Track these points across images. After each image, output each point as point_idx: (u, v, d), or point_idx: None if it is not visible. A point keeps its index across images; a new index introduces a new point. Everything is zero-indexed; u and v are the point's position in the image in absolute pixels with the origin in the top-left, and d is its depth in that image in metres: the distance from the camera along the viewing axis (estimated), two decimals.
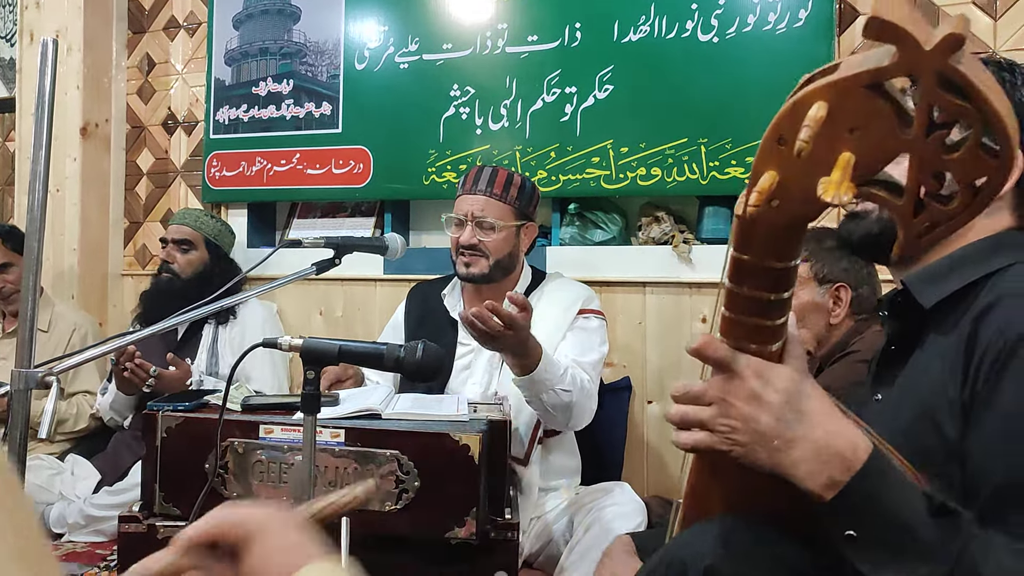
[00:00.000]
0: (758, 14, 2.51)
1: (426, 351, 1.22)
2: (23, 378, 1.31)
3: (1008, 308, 0.87)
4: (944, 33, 0.55)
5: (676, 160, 2.58)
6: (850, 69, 0.60)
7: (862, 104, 0.60)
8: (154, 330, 1.50)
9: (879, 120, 0.60)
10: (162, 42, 3.50)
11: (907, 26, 0.56)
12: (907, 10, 0.57)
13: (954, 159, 0.61)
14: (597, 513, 1.89)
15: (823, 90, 0.60)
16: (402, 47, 2.94)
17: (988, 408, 0.85)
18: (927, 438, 0.90)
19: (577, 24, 2.71)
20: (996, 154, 0.59)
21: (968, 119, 0.58)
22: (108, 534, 2.40)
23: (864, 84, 0.59)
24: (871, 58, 0.59)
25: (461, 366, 2.15)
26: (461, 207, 2.11)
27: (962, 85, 0.56)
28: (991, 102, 0.56)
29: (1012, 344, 0.83)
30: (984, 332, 0.87)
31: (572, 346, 2.07)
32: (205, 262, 2.78)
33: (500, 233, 2.08)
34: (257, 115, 3.18)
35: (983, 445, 0.84)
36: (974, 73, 0.56)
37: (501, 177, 2.11)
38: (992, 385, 0.84)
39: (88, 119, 3.35)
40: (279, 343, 1.21)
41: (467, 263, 2.09)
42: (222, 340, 2.73)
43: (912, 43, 0.56)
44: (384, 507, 1.64)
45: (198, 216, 2.85)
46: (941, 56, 0.55)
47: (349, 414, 1.72)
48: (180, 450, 1.72)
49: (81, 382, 2.89)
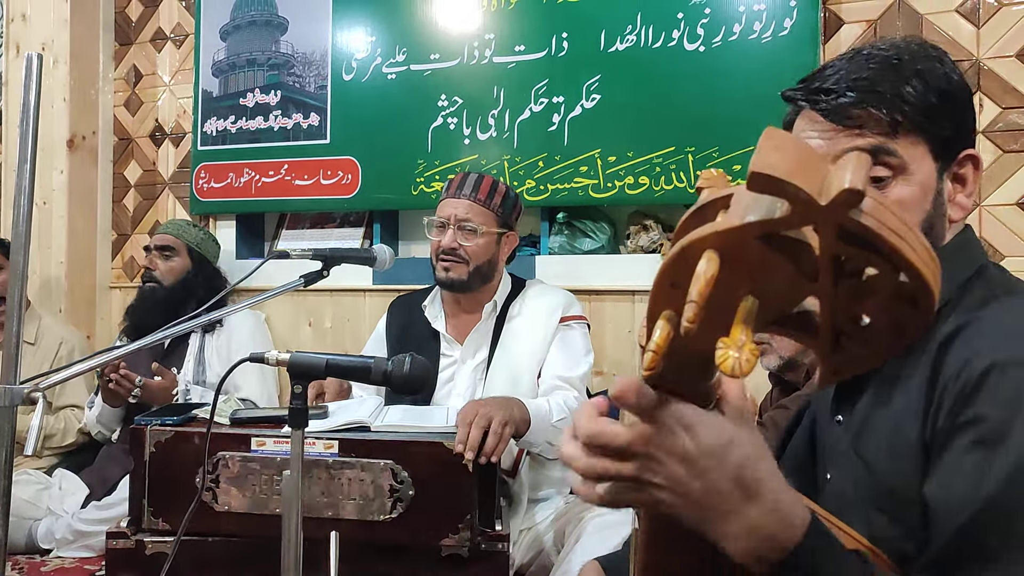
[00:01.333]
0: (744, 23, 2.52)
1: (414, 364, 1.22)
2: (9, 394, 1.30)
3: (968, 341, 0.82)
4: (840, 186, 0.48)
5: (664, 169, 2.59)
6: (739, 216, 0.53)
7: (756, 255, 0.53)
8: (141, 344, 1.49)
9: (779, 271, 0.54)
10: (149, 54, 3.49)
11: (796, 180, 0.49)
12: (795, 158, 0.50)
13: (868, 304, 0.55)
14: (583, 525, 1.89)
15: (712, 239, 0.53)
16: (390, 57, 2.95)
17: (946, 453, 0.80)
18: (889, 477, 0.86)
19: (564, 34, 2.72)
20: (915, 302, 0.53)
21: (878, 267, 0.52)
22: (97, 549, 2.38)
23: (756, 235, 0.52)
24: (761, 206, 0.52)
25: (445, 378, 2.14)
26: (444, 211, 2.11)
27: (867, 238, 0.50)
28: (902, 251, 0.50)
29: (973, 382, 0.79)
30: (947, 367, 0.82)
31: (557, 362, 2.08)
32: (187, 270, 2.78)
33: (481, 238, 2.07)
34: (245, 126, 3.18)
35: (938, 491, 0.80)
36: (880, 222, 0.50)
37: (486, 184, 2.11)
38: (950, 429, 0.80)
39: (75, 131, 3.34)
40: (266, 358, 1.21)
41: (446, 267, 2.08)
42: (209, 348, 2.72)
43: (804, 198, 0.49)
44: (379, 517, 1.64)
45: (180, 225, 2.87)
46: (839, 210, 0.49)
47: (338, 427, 1.72)
48: (168, 465, 1.71)
49: (68, 396, 2.87)
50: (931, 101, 0.89)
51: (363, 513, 1.65)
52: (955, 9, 2.40)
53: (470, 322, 2.16)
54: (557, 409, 1.94)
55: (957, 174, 0.93)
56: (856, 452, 0.92)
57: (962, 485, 0.77)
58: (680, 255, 0.55)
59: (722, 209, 0.57)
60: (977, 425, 0.78)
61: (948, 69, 0.92)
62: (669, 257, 0.56)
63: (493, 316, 2.15)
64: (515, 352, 2.10)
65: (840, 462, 0.95)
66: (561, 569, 1.81)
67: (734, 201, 0.55)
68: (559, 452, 0.70)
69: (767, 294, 0.55)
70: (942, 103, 0.90)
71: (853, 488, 0.91)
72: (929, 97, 0.89)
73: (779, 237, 0.53)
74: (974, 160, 0.93)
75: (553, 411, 1.93)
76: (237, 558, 1.68)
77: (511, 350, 2.10)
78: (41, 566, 2.37)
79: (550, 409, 1.93)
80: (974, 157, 0.93)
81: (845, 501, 0.92)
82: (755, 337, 0.55)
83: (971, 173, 0.93)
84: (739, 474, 0.65)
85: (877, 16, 2.49)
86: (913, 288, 0.52)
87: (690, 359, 0.61)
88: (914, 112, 0.89)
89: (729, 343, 0.53)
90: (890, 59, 0.91)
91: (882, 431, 0.89)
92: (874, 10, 2.49)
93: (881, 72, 0.90)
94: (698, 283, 0.52)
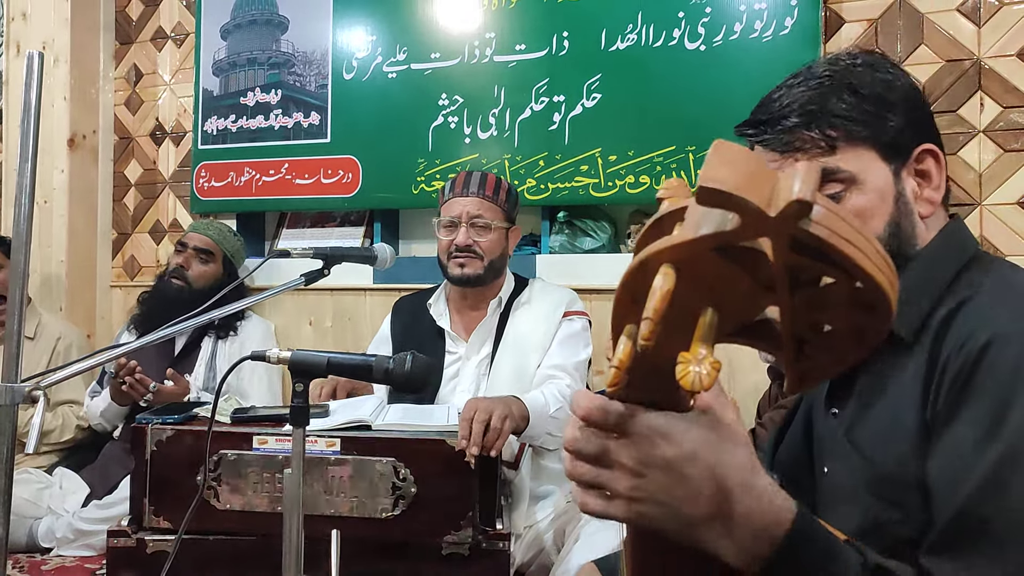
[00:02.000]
0: (744, 22, 2.52)
1: (415, 362, 1.22)
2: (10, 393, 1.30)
3: (966, 318, 0.82)
4: (788, 197, 0.47)
5: (665, 168, 2.59)
6: (692, 229, 0.52)
7: (713, 267, 0.53)
8: (147, 341, 1.49)
9: (736, 282, 0.53)
10: (149, 53, 3.49)
11: (745, 193, 0.48)
12: (744, 170, 0.49)
13: (827, 312, 0.54)
14: (581, 525, 1.89)
15: (667, 253, 0.52)
16: (390, 56, 2.94)
17: (947, 431, 0.80)
18: (887, 463, 0.86)
19: (565, 33, 2.72)
20: (872, 308, 0.52)
21: (834, 276, 0.52)
22: (97, 548, 2.38)
23: (710, 248, 0.52)
24: (713, 219, 0.52)
25: (449, 375, 2.16)
26: (453, 209, 2.12)
27: (819, 247, 0.50)
28: (854, 259, 0.49)
29: (973, 358, 0.79)
30: (947, 345, 0.82)
31: (555, 353, 2.11)
32: (219, 277, 2.77)
33: (493, 233, 2.11)
34: (245, 125, 3.17)
35: (939, 472, 0.80)
36: (831, 231, 0.49)
37: (491, 180, 2.15)
38: (952, 406, 0.80)
39: (75, 130, 3.34)
40: (267, 356, 1.21)
41: (461, 263, 2.10)
42: (221, 355, 2.72)
43: (753, 210, 0.48)
44: (380, 515, 1.64)
45: (222, 230, 2.85)
46: (789, 221, 0.48)
47: (339, 425, 1.72)
48: (169, 463, 1.71)
49: (66, 392, 2.86)
50: (866, 109, 0.91)
51: (364, 511, 1.65)
52: (956, 8, 2.40)
53: (475, 319, 2.18)
54: (553, 400, 1.96)
55: (919, 170, 0.94)
56: (851, 442, 0.92)
57: (964, 461, 0.77)
58: (638, 269, 0.55)
59: (679, 221, 0.57)
60: (978, 399, 0.78)
61: (883, 74, 0.94)
62: (628, 271, 0.56)
63: (497, 312, 2.17)
64: (519, 348, 2.12)
65: (836, 453, 0.95)
66: (561, 568, 1.81)
67: (688, 213, 0.55)
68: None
69: (726, 305, 0.54)
70: (879, 108, 0.92)
71: (849, 477, 0.91)
72: (863, 106, 0.91)
73: (734, 248, 0.52)
74: (933, 154, 0.94)
75: (550, 402, 1.94)
76: (238, 556, 1.69)
77: (515, 346, 2.12)
78: (42, 565, 2.37)
79: (546, 401, 1.94)
80: (932, 151, 0.94)
81: (842, 491, 0.92)
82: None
83: (933, 167, 0.94)
84: (722, 473, 0.65)
85: (878, 15, 2.48)
86: (869, 294, 0.51)
87: (657, 371, 0.60)
88: (850, 124, 0.91)
89: (689, 357, 0.52)
90: (823, 79, 0.94)
91: (877, 419, 0.89)
92: (875, 9, 2.49)
93: (813, 93, 0.94)
94: (653, 299, 0.51)
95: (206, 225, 2.86)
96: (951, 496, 0.77)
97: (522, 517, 2.02)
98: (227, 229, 2.89)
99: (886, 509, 0.85)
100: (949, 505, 0.77)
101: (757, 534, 0.66)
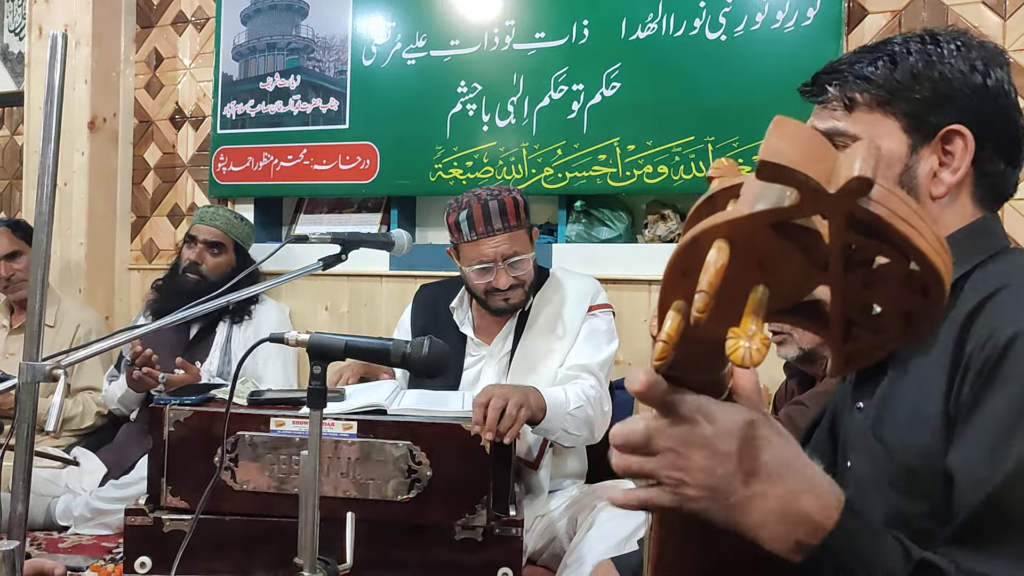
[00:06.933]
0: (766, 12, 2.50)
1: (432, 346, 1.23)
2: (32, 371, 1.32)
3: (993, 312, 0.82)
4: (849, 174, 0.48)
5: (683, 158, 2.58)
6: (749, 204, 0.53)
7: (767, 243, 0.53)
8: (162, 324, 1.51)
9: (789, 259, 0.54)
10: (170, 37, 3.50)
11: (805, 169, 0.49)
12: (804, 146, 0.50)
13: (879, 293, 0.54)
14: (595, 513, 1.89)
15: (722, 228, 0.53)
16: (409, 43, 2.94)
17: (971, 422, 0.79)
18: (910, 456, 0.86)
19: (585, 21, 2.71)
20: (926, 291, 0.52)
21: (889, 256, 0.52)
22: (114, 527, 2.41)
23: (766, 224, 0.52)
24: (771, 194, 0.52)
25: (471, 377, 2.13)
26: (484, 253, 2.00)
27: (877, 226, 0.50)
28: (912, 240, 0.50)
29: (999, 352, 0.78)
30: (972, 339, 0.82)
31: (579, 351, 2.07)
32: (232, 266, 2.78)
33: (528, 261, 2.04)
34: (264, 110, 3.18)
35: (963, 462, 0.79)
36: (890, 210, 0.50)
37: (508, 205, 2.00)
38: (976, 398, 0.79)
39: (96, 113, 3.36)
40: (286, 338, 1.22)
41: (506, 298, 2.03)
42: (235, 340, 2.73)
43: (813, 187, 0.49)
44: (395, 497, 1.65)
45: (228, 219, 2.84)
46: (848, 198, 0.49)
47: (355, 409, 1.73)
48: (187, 444, 1.73)
49: (86, 378, 2.90)
50: (896, 79, 0.93)
51: (379, 494, 1.66)
52: (981, 1, 2.37)
53: (499, 322, 2.14)
54: (574, 398, 1.93)
55: (945, 149, 0.93)
56: (875, 435, 0.92)
57: (986, 455, 0.77)
58: (691, 244, 0.55)
59: (732, 198, 0.57)
60: (1004, 392, 0.78)
61: (937, 49, 0.93)
62: (680, 246, 0.56)
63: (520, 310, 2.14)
64: (539, 343, 2.09)
65: (859, 447, 0.95)
66: (572, 557, 1.82)
67: (744, 190, 0.55)
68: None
69: (777, 283, 0.55)
70: (911, 80, 0.93)
71: (872, 470, 0.91)
72: (893, 75, 0.93)
73: (789, 226, 0.53)
74: (962, 136, 0.92)
75: (570, 400, 1.92)
76: (254, 537, 1.70)
77: (535, 341, 2.10)
78: (59, 542, 2.40)
79: (567, 398, 1.92)
80: (960, 132, 0.92)
81: (865, 484, 0.92)
82: (775, 326, 0.55)
83: (959, 149, 0.92)
84: (765, 454, 0.65)
85: (902, 7, 2.46)
86: (924, 277, 0.52)
87: (702, 349, 0.61)
88: (875, 89, 0.93)
89: (739, 333, 0.53)
90: (878, 45, 0.97)
91: (901, 411, 0.89)
92: (899, 0, 2.46)
93: (855, 56, 0.98)
94: (708, 272, 0.52)
95: (212, 215, 2.84)
96: (975, 487, 0.77)
97: (536, 508, 2.03)
98: (233, 215, 2.88)
99: (910, 501, 0.85)
100: (973, 496, 0.77)
101: (804, 518, 0.65)
